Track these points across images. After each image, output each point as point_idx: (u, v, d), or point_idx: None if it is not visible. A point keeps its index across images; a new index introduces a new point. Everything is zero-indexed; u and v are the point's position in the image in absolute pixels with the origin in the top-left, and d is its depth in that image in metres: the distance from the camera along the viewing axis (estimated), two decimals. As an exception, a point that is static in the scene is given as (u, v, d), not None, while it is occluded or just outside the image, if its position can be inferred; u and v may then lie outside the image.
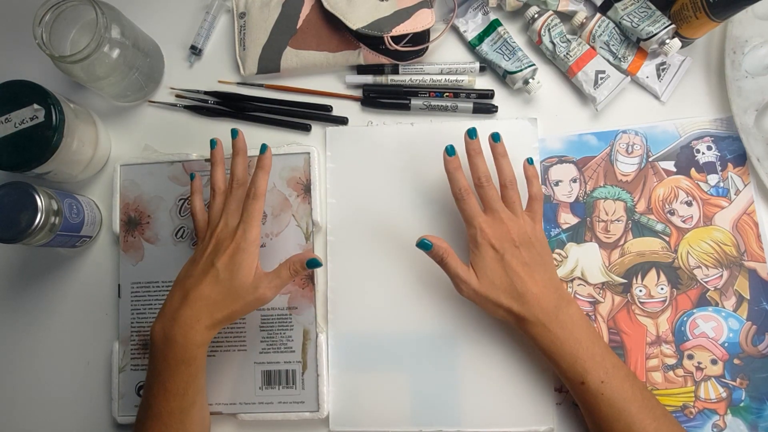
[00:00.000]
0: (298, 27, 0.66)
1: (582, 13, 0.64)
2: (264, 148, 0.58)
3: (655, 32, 0.60)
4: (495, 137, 0.58)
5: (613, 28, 0.63)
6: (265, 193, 0.56)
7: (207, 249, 0.55)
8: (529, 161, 0.59)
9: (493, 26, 0.65)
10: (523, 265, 0.54)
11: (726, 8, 0.55)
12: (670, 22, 0.60)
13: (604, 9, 0.63)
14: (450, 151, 0.57)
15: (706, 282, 0.60)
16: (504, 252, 0.54)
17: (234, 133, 0.60)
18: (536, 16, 0.63)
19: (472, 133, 0.57)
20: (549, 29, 0.63)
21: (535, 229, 0.56)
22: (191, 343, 0.53)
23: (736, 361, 0.58)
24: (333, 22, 0.65)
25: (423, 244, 0.55)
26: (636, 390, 0.52)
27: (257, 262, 0.55)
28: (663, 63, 0.63)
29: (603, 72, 0.62)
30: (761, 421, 0.57)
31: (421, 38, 0.64)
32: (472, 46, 0.65)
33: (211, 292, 0.53)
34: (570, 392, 0.56)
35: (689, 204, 0.61)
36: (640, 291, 0.61)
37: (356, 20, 0.63)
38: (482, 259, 0.54)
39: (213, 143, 0.61)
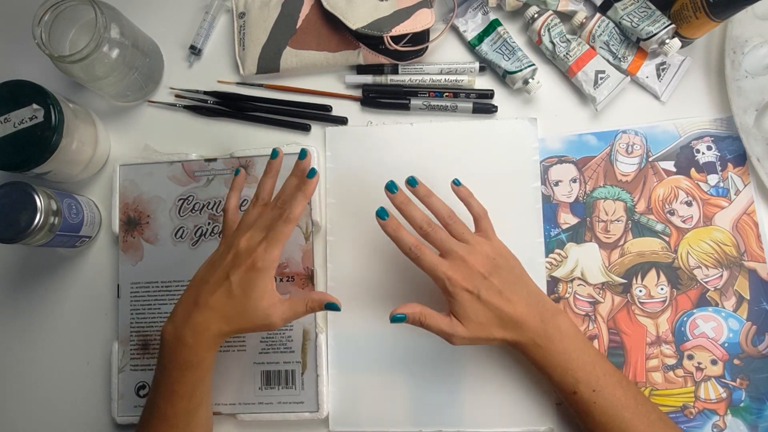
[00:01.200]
0: (297, 27, 0.66)
1: (582, 13, 0.64)
2: (312, 173, 0.55)
3: (655, 32, 0.60)
4: (411, 182, 0.57)
5: (613, 28, 0.63)
6: (298, 219, 0.54)
7: (226, 257, 0.54)
8: (456, 183, 0.58)
9: (492, 26, 0.65)
10: (498, 293, 0.53)
11: (726, 8, 0.55)
12: (670, 22, 0.60)
13: (604, 9, 0.63)
14: (382, 214, 0.55)
15: (706, 282, 0.60)
16: (479, 290, 0.53)
17: (303, 153, 0.57)
18: (536, 16, 0.63)
19: (391, 187, 0.56)
20: (549, 29, 0.63)
21: (493, 246, 0.56)
22: (201, 347, 0.52)
23: (736, 362, 0.58)
24: (333, 22, 0.65)
25: (396, 319, 0.54)
26: (629, 396, 0.52)
27: (272, 284, 0.53)
28: (663, 63, 0.63)
29: (603, 72, 0.62)
30: (761, 421, 0.57)
31: (421, 38, 0.64)
32: (471, 46, 0.65)
33: (222, 306, 0.52)
34: (563, 401, 0.56)
35: (689, 204, 0.61)
36: (640, 291, 0.61)
37: (356, 20, 0.63)
38: (461, 306, 0.53)
39: (275, 154, 0.58)
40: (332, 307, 0.54)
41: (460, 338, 0.53)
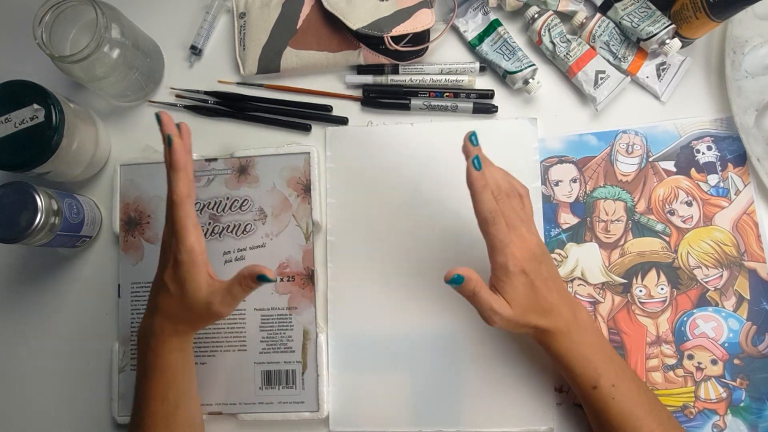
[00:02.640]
0: (298, 27, 0.66)
1: (582, 13, 0.64)
2: (170, 140, 0.50)
3: (655, 32, 0.60)
4: (472, 139, 0.51)
5: (613, 28, 0.63)
6: (187, 195, 0.50)
7: (160, 258, 0.53)
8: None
9: (493, 26, 0.65)
10: (545, 281, 0.51)
11: (726, 8, 0.55)
12: (670, 22, 0.60)
13: (604, 9, 0.63)
14: (477, 164, 0.49)
15: (706, 282, 0.60)
16: (534, 276, 0.50)
17: (158, 118, 0.51)
18: (536, 16, 0.63)
19: (473, 139, 0.51)
20: (549, 29, 0.63)
21: (535, 231, 0.55)
22: (163, 350, 0.52)
23: (736, 362, 0.58)
24: (333, 22, 0.65)
25: (454, 280, 0.49)
26: (642, 394, 0.52)
27: (206, 271, 0.50)
28: (663, 63, 0.63)
29: (603, 72, 0.62)
30: (761, 421, 0.57)
31: (421, 38, 0.64)
32: (472, 46, 0.65)
33: (166, 306, 0.52)
34: (579, 398, 0.55)
35: (689, 204, 0.61)
36: (640, 291, 0.61)
37: (356, 20, 0.63)
38: (514, 288, 0.49)
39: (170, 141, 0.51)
40: (263, 278, 0.49)
41: (504, 320, 0.49)
